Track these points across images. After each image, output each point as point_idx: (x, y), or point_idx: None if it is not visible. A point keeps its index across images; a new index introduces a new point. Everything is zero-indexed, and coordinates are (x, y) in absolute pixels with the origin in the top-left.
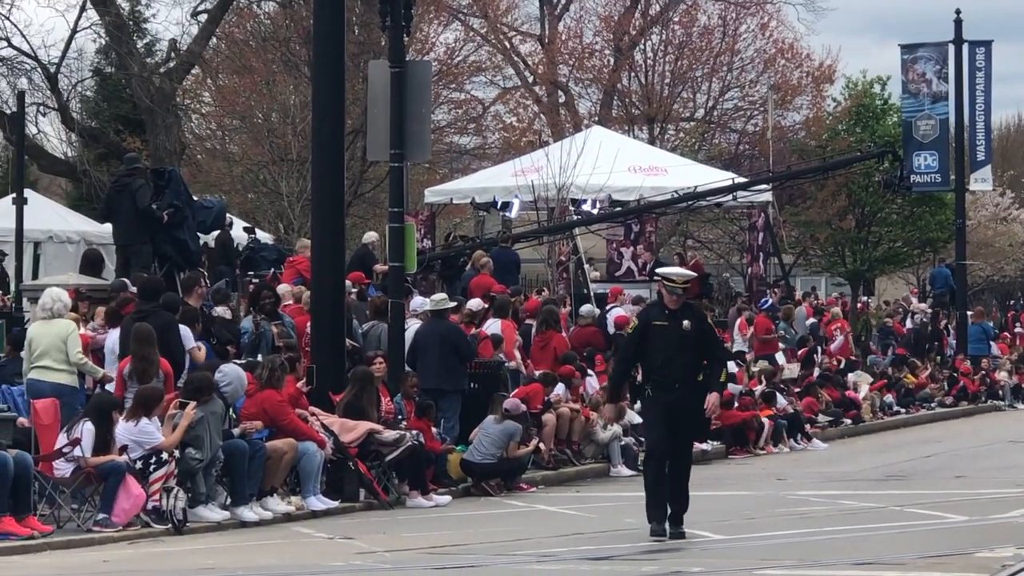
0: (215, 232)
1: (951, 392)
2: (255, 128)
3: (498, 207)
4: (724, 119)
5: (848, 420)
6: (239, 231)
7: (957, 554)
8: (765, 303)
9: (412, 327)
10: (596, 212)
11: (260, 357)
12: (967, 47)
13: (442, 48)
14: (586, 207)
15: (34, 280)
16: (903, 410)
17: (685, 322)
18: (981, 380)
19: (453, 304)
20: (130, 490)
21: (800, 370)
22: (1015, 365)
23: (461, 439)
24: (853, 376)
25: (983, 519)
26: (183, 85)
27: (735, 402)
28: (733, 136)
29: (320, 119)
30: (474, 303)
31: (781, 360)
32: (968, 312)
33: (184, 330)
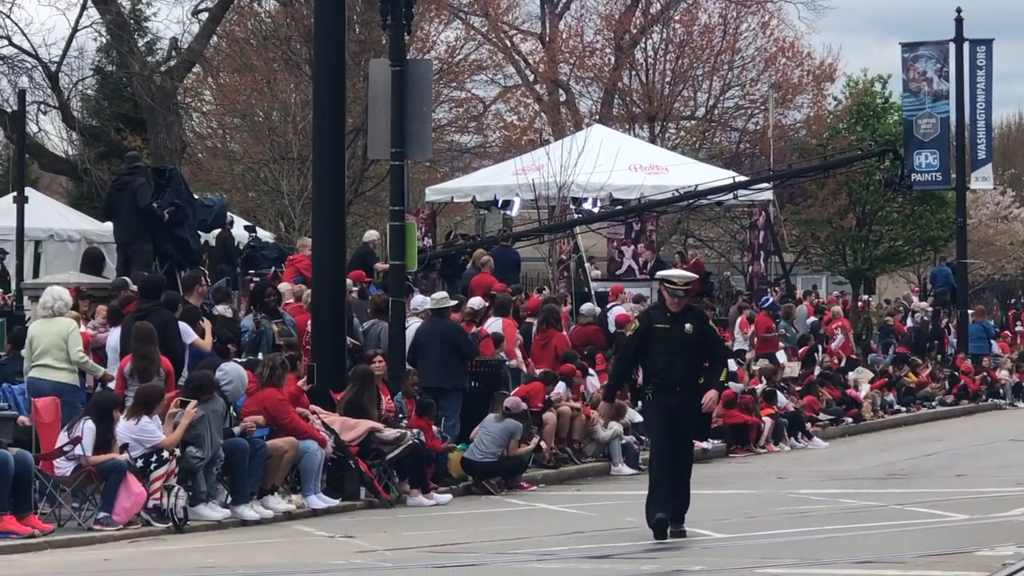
0: (216, 230)
1: (952, 391)
2: (256, 126)
3: (499, 206)
4: (725, 118)
5: (849, 419)
6: (240, 229)
7: (958, 552)
8: (766, 302)
9: (413, 325)
10: (597, 211)
11: (261, 356)
12: (968, 45)
13: (443, 47)
14: (587, 206)
15: (35, 279)
16: (904, 409)
17: (687, 325)
18: (982, 379)
19: (454, 303)
20: (131, 488)
21: (801, 369)
22: (1016, 364)
23: (462, 438)
24: (854, 374)
25: (984, 518)
26: (184, 83)
27: (737, 401)
28: (734, 135)
29: (321, 117)
30: (475, 302)
31: (782, 359)
32: (969, 311)
33: (183, 326)
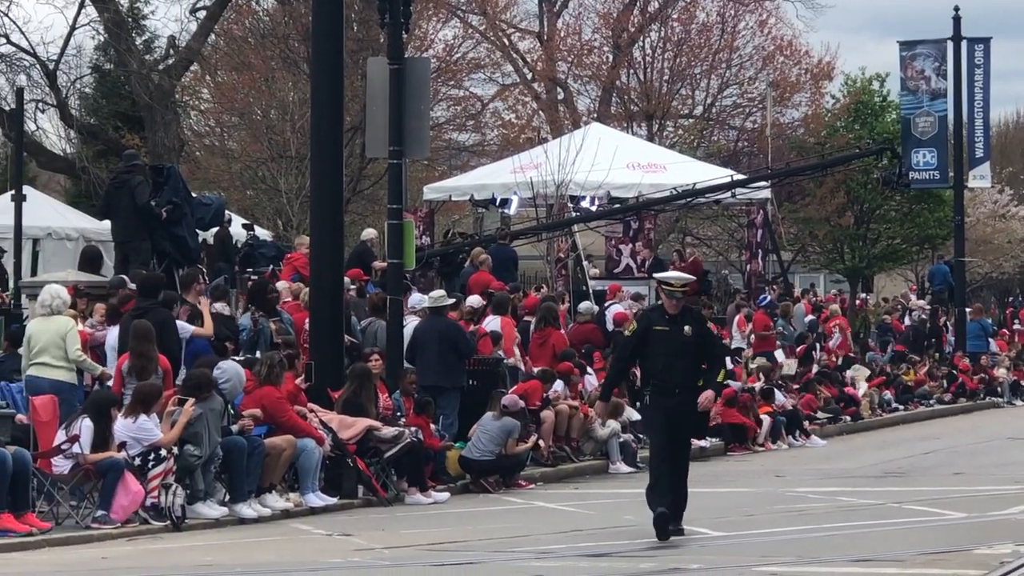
0: (214, 229)
1: (950, 389)
2: (254, 125)
3: (497, 204)
4: (723, 116)
5: (847, 417)
6: (238, 228)
7: (955, 551)
8: (764, 300)
9: (411, 324)
10: (595, 209)
11: (259, 354)
12: (966, 44)
13: (441, 45)
14: (585, 204)
15: (33, 277)
16: (902, 407)
17: (687, 328)
18: (980, 377)
19: (452, 301)
20: (129, 487)
21: (799, 367)
22: (1014, 362)
23: (460, 436)
24: (851, 372)
25: (981, 516)
26: (182, 82)
27: (737, 399)
28: (732, 133)
29: (319, 116)
30: (473, 300)
31: (780, 357)
32: (967, 309)
33: (181, 324)
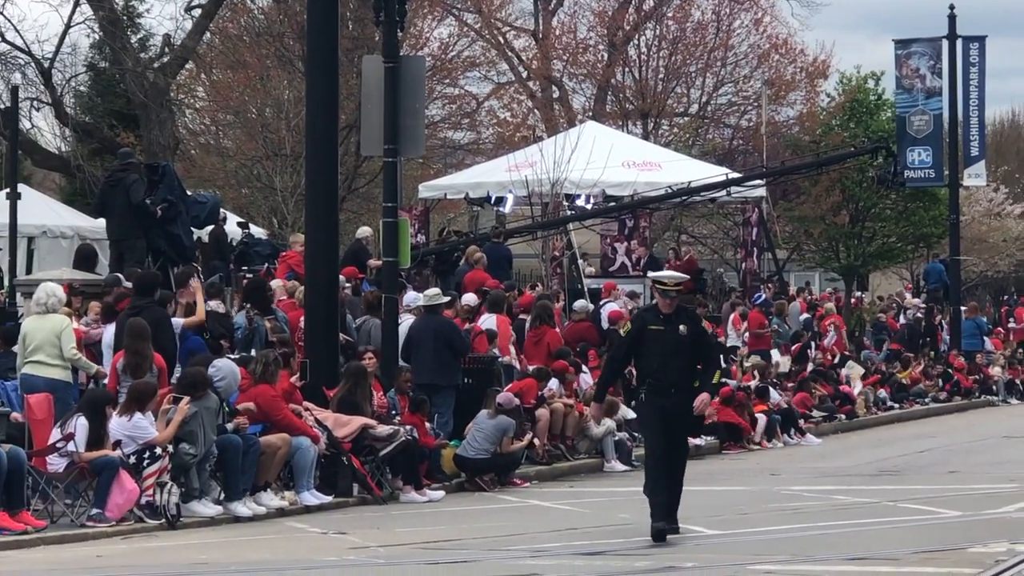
0: (209, 227)
1: (945, 387)
2: (249, 123)
3: (492, 202)
4: (718, 114)
5: (842, 415)
6: (233, 226)
7: (950, 549)
8: (759, 298)
9: (405, 322)
10: (590, 207)
11: (254, 352)
12: (961, 42)
13: (436, 43)
14: (580, 202)
15: (28, 275)
16: (897, 405)
17: (681, 327)
18: (975, 375)
19: (447, 299)
20: (123, 485)
21: (794, 365)
22: (1009, 360)
23: (455, 434)
24: (846, 370)
25: (976, 514)
26: (177, 80)
27: (734, 397)
28: (727, 131)
29: (314, 114)
30: (468, 298)
31: (776, 357)
32: (962, 307)
33: (176, 321)
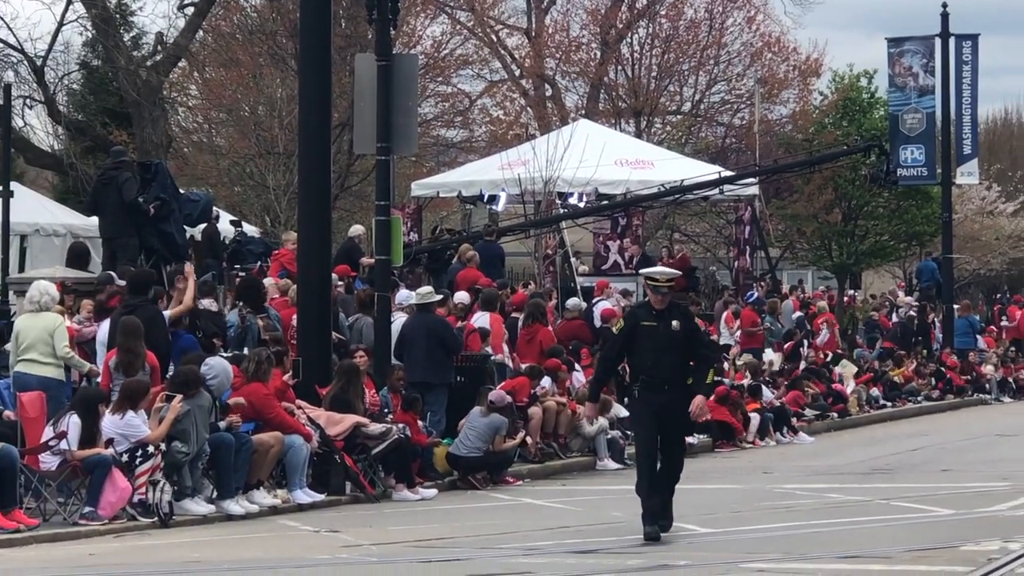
0: (202, 225)
1: (937, 386)
2: (242, 121)
3: (485, 200)
4: (711, 113)
5: (834, 414)
6: (226, 224)
7: (943, 547)
8: (751, 297)
9: (398, 320)
10: (583, 205)
11: (246, 350)
12: (954, 41)
13: (429, 41)
14: (573, 200)
15: (20, 273)
16: (889, 404)
17: (674, 323)
18: (968, 374)
19: (439, 297)
20: (116, 483)
21: (786, 363)
22: (1001, 359)
23: (447, 432)
24: (839, 368)
25: (969, 512)
26: (170, 78)
27: (728, 396)
28: (720, 130)
29: (307, 112)
30: (461, 296)
31: (769, 355)
32: (954, 306)
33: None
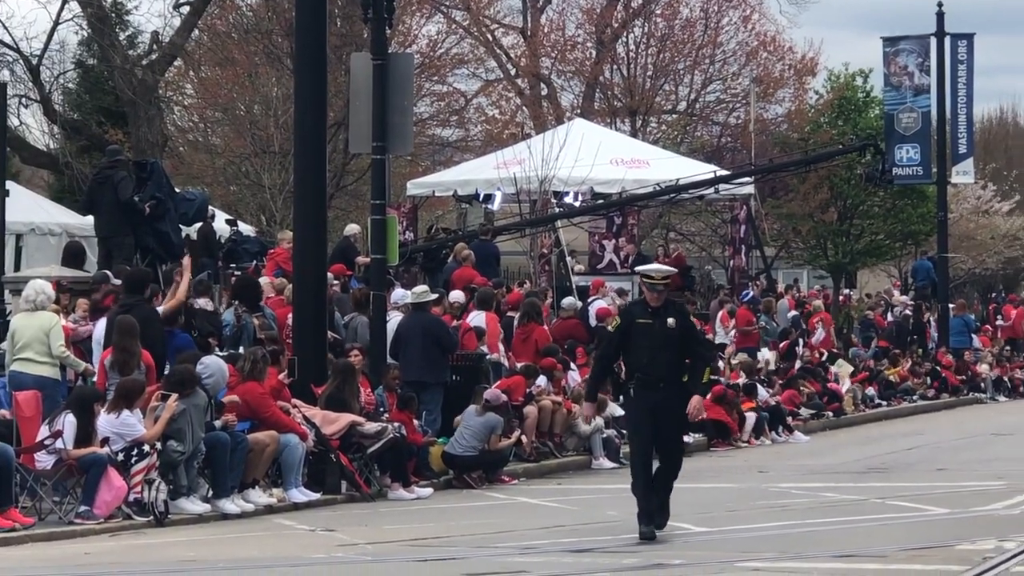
0: (197, 224)
1: (933, 385)
2: (237, 120)
3: (480, 199)
4: (706, 112)
5: (830, 413)
6: (221, 223)
7: (938, 546)
8: (747, 296)
9: (394, 319)
10: (578, 205)
11: (242, 349)
12: (949, 40)
13: (424, 40)
14: (568, 200)
15: (16, 272)
16: (885, 403)
17: (670, 320)
18: (963, 373)
19: (435, 296)
20: (112, 482)
21: (781, 363)
22: (996, 358)
23: (443, 431)
24: (835, 367)
25: (964, 511)
26: (165, 77)
27: (725, 396)
28: (715, 129)
29: (302, 111)
30: (456, 295)
31: (764, 354)
32: (950, 305)
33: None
